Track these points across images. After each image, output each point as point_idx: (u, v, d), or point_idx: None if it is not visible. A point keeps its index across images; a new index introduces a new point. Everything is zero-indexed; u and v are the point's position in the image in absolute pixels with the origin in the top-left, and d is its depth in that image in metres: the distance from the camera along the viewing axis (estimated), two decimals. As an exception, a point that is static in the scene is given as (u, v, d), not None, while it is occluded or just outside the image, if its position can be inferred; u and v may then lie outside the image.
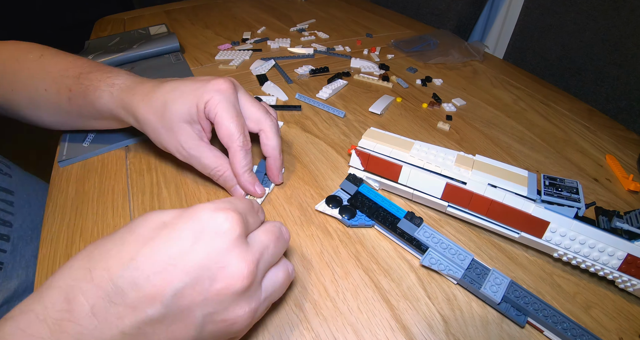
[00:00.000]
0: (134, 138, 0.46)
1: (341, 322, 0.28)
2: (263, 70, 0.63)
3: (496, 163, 0.34)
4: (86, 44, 0.72)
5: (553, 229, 0.30)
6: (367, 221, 0.35)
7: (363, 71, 0.64)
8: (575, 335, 0.25)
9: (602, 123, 0.53)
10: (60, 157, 0.43)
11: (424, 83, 0.60)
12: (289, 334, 0.27)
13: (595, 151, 0.47)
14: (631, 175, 0.42)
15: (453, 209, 0.34)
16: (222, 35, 0.79)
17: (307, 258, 0.32)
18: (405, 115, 0.53)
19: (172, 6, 1.01)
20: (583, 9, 0.65)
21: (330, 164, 0.43)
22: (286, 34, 0.80)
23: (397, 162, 0.35)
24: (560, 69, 0.72)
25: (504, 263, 0.33)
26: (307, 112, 0.53)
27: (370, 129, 0.39)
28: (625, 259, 0.28)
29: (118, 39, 0.74)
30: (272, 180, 0.39)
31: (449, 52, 0.69)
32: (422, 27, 0.87)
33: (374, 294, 0.30)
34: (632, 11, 0.58)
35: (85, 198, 0.39)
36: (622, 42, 0.60)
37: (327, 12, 0.94)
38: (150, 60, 0.66)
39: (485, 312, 0.29)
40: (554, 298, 0.30)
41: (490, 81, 0.63)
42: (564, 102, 0.58)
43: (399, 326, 0.28)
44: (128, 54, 0.65)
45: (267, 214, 0.37)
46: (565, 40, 0.70)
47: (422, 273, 0.31)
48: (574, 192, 0.30)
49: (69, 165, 0.43)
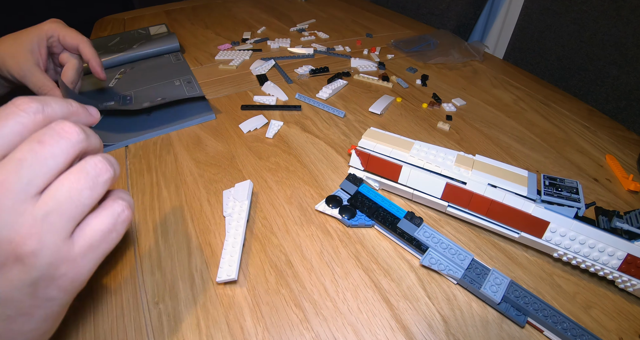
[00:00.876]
0: (135, 138, 0.46)
1: (341, 322, 0.28)
2: (263, 70, 0.63)
3: (496, 163, 0.34)
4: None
5: (553, 229, 0.30)
6: (367, 221, 0.35)
7: (363, 71, 0.64)
8: (575, 335, 0.25)
9: (602, 123, 0.53)
10: None
11: (423, 83, 0.60)
12: (289, 334, 0.27)
13: (595, 151, 0.47)
14: (631, 175, 0.42)
15: (453, 209, 0.34)
16: (222, 35, 0.79)
17: (307, 258, 0.32)
18: (405, 115, 0.53)
19: (172, 6, 1.01)
20: (583, 9, 0.66)
21: (330, 164, 0.43)
22: (286, 34, 0.80)
23: (397, 162, 0.35)
24: (560, 69, 0.72)
25: (504, 263, 0.33)
26: (307, 112, 0.53)
27: (370, 129, 0.39)
28: (625, 259, 0.28)
29: (118, 38, 0.74)
30: (97, 76, 0.49)
31: (449, 52, 0.69)
32: (422, 27, 0.87)
33: (374, 294, 0.30)
34: (632, 11, 0.58)
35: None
36: (622, 42, 0.60)
37: (327, 12, 0.94)
38: (150, 60, 0.66)
39: (485, 312, 0.29)
40: (554, 298, 0.30)
41: (490, 81, 0.63)
42: (564, 102, 0.58)
43: (399, 326, 0.28)
44: (128, 54, 0.65)
45: (267, 213, 0.37)
46: (565, 40, 0.70)
47: (422, 273, 0.31)
48: (574, 192, 0.30)
49: None
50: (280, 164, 0.43)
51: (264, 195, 0.39)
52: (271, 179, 0.41)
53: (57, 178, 0.19)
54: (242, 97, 0.56)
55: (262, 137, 0.48)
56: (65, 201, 0.19)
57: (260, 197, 0.39)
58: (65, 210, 0.19)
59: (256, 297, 0.29)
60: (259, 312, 0.28)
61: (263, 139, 0.47)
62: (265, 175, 0.41)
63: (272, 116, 0.51)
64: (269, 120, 0.50)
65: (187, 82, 0.57)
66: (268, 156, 0.44)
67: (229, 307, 0.29)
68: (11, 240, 0.18)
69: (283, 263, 0.32)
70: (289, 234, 0.35)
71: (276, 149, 0.46)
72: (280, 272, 0.31)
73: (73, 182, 0.19)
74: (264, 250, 0.33)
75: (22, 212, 0.18)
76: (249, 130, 0.49)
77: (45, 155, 0.19)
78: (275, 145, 0.46)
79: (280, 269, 0.32)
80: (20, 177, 0.18)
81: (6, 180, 0.18)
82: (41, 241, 0.18)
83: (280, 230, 0.35)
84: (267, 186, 0.40)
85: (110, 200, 0.22)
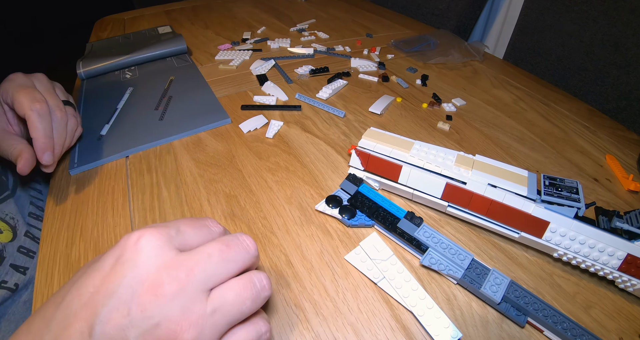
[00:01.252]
0: (139, 146, 0.46)
1: (341, 322, 0.28)
2: (263, 70, 0.63)
3: (496, 163, 0.34)
4: (89, 46, 0.72)
5: (553, 229, 0.30)
6: (367, 221, 0.35)
7: (363, 71, 0.64)
8: (575, 335, 0.25)
9: (602, 123, 0.53)
10: (72, 165, 0.42)
11: (423, 83, 0.60)
12: (289, 334, 0.27)
13: (595, 151, 0.47)
14: (631, 175, 0.42)
15: (453, 209, 0.34)
16: (222, 35, 0.79)
17: (307, 258, 0.32)
18: (405, 115, 0.53)
19: (172, 6, 1.01)
20: (583, 9, 0.65)
21: (330, 164, 0.43)
22: (286, 34, 0.80)
23: (397, 162, 0.35)
24: (560, 69, 0.72)
25: (504, 263, 0.33)
26: (307, 112, 0.53)
27: (370, 129, 0.39)
28: (625, 259, 0.28)
29: (125, 40, 0.74)
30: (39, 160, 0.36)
31: (449, 52, 0.69)
32: (422, 27, 0.87)
33: (374, 294, 0.30)
34: (632, 11, 0.58)
35: (85, 198, 0.39)
36: (622, 42, 0.60)
37: (327, 12, 0.94)
38: (158, 62, 0.66)
39: (485, 312, 0.29)
40: (554, 298, 0.30)
41: (490, 81, 0.63)
42: (564, 102, 0.58)
43: (399, 326, 0.28)
44: (134, 56, 0.65)
45: (267, 213, 0.37)
46: (565, 40, 0.70)
47: (422, 273, 0.31)
48: (574, 192, 0.30)
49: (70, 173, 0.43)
50: (280, 164, 0.43)
51: (264, 195, 0.39)
52: (271, 179, 0.41)
53: (227, 282, 0.21)
54: (242, 97, 0.56)
55: (262, 137, 0.48)
56: (231, 304, 0.20)
57: (260, 197, 0.39)
58: (228, 312, 0.20)
59: (256, 297, 0.29)
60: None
61: (263, 139, 0.47)
62: (265, 175, 0.41)
63: (272, 116, 0.51)
64: (269, 120, 0.50)
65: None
66: (268, 156, 0.44)
67: (229, 307, 0.29)
68: (178, 323, 0.19)
69: (283, 263, 0.32)
70: (289, 234, 0.35)
71: (276, 149, 0.46)
72: (280, 272, 0.31)
73: (241, 289, 0.21)
74: (264, 250, 0.33)
75: (196, 301, 0.19)
76: (249, 130, 0.49)
77: (228, 258, 0.21)
78: (275, 145, 0.46)
79: (280, 269, 0.32)
80: (206, 270, 0.20)
81: (195, 268, 0.20)
82: (201, 334, 0.19)
83: (280, 230, 0.35)
84: (267, 186, 0.40)
85: (257, 318, 0.22)
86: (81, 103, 0.54)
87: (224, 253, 0.21)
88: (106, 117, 0.50)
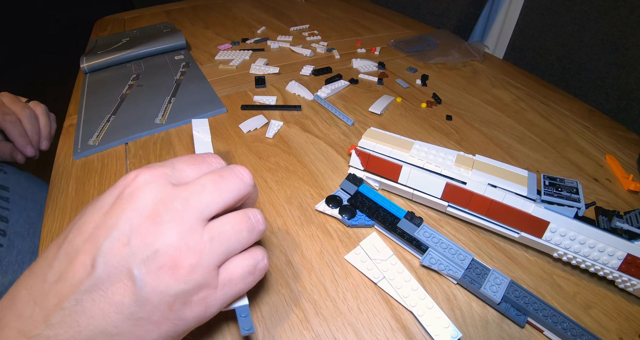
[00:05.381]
0: (139, 133, 0.48)
1: (341, 322, 0.28)
2: (262, 72, 0.63)
3: (496, 163, 0.34)
4: (92, 42, 0.74)
5: (553, 228, 0.30)
6: (367, 221, 0.35)
7: (363, 71, 0.64)
8: (575, 335, 0.25)
9: (602, 123, 0.53)
10: (75, 151, 0.45)
11: (423, 83, 0.60)
12: (289, 334, 0.27)
13: (595, 151, 0.47)
14: (631, 175, 0.42)
15: (453, 209, 0.34)
16: (222, 35, 0.80)
17: (307, 258, 0.32)
18: (405, 115, 0.53)
19: (172, 6, 1.01)
20: (583, 9, 0.65)
21: (330, 164, 0.43)
22: (286, 33, 0.80)
23: (397, 162, 0.35)
24: (560, 69, 0.72)
25: (504, 263, 0.33)
26: (307, 112, 0.53)
27: (370, 128, 0.39)
28: (625, 259, 0.28)
29: (136, 32, 0.77)
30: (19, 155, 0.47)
31: (449, 52, 0.69)
32: (422, 27, 0.87)
33: (374, 294, 0.30)
34: (632, 11, 0.58)
35: (85, 197, 0.39)
36: (622, 42, 0.60)
37: (327, 12, 0.94)
38: (158, 57, 0.68)
39: (485, 312, 0.29)
40: (554, 298, 0.30)
41: (490, 81, 0.62)
42: (564, 102, 0.58)
43: (399, 326, 0.28)
44: (134, 51, 0.66)
45: (267, 214, 0.37)
46: (565, 40, 0.69)
47: (422, 273, 0.31)
48: (573, 192, 0.30)
49: (73, 161, 0.44)
50: (280, 163, 0.43)
51: (264, 195, 0.39)
52: (271, 179, 0.41)
53: (224, 214, 0.22)
54: (242, 97, 0.56)
55: (262, 137, 0.48)
56: (228, 234, 0.21)
57: (260, 197, 0.39)
58: (226, 241, 0.21)
59: (256, 297, 0.29)
60: (259, 312, 0.28)
61: (263, 138, 0.47)
62: (265, 175, 0.41)
63: (272, 116, 0.51)
64: (269, 120, 0.50)
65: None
66: (268, 156, 0.44)
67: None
68: (178, 248, 0.19)
69: (283, 263, 0.32)
70: (289, 234, 0.35)
71: (276, 148, 0.46)
72: (280, 272, 0.31)
73: (237, 221, 0.22)
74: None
75: (194, 229, 0.20)
76: (249, 130, 0.49)
77: (222, 188, 0.22)
78: (275, 145, 0.46)
79: (280, 269, 0.32)
80: (200, 199, 0.21)
81: (190, 198, 0.21)
82: (201, 259, 0.20)
83: (280, 230, 0.35)
84: (267, 186, 0.40)
85: (253, 248, 0.24)
86: (84, 96, 0.57)
87: (217, 183, 0.22)
88: (107, 109, 0.53)
